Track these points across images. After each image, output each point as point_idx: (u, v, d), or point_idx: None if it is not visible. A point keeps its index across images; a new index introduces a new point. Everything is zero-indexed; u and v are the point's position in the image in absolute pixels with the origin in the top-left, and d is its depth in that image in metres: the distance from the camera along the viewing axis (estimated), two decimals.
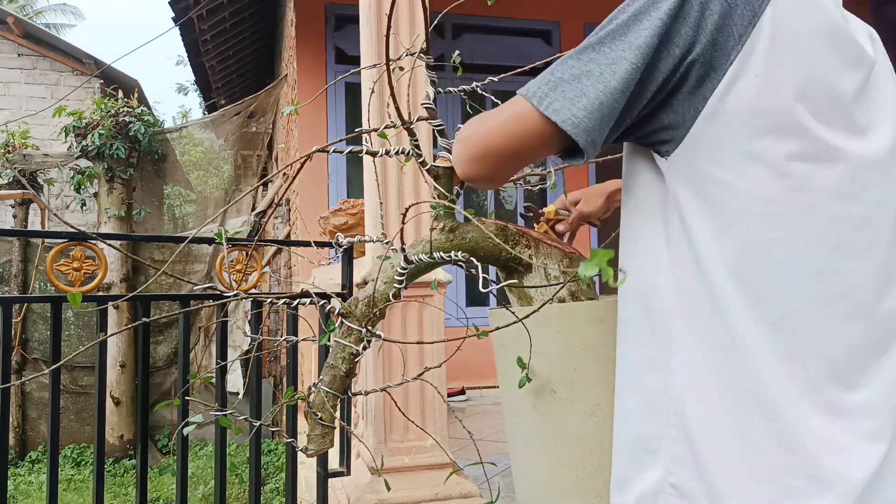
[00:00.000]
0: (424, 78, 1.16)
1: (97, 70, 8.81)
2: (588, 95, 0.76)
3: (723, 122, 0.74)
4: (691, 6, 0.74)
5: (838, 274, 0.75)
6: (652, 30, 0.74)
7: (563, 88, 0.77)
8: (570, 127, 0.76)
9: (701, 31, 0.74)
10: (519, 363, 1.07)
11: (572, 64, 0.79)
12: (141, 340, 1.90)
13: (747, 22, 0.73)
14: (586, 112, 0.75)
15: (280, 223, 6.00)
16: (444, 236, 1.11)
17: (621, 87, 0.75)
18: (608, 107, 0.75)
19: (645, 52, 0.74)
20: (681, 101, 0.76)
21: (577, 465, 1.07)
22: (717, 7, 0.74)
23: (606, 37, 0.77)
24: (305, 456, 1.11)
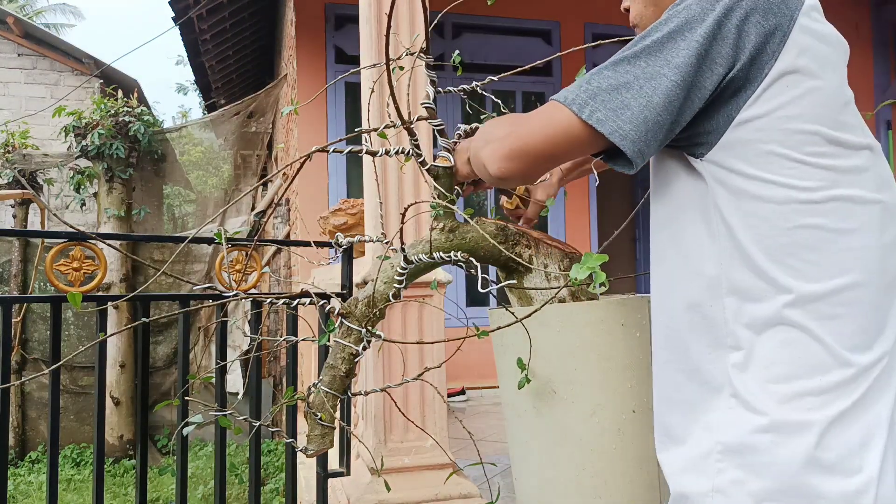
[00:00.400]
0: (424, 78, 1.15)
1: (97, 70, 8.81)
2: (631, 108, 0.82)
3: (756, 125, 0.83)
4: (729, 30, 0.82)
5: (864, 250, 0.84)
6: (690, 50, 0.82)
7: (603, 98, 0.84)
8: (619, 139, 0.83)
9: (741, 51, 0.83)
10: (519, 364, 1.07)
11: (608, 74, 0.84)
12: (140, 340, 1.90)
13: (779, 41, 0.83)
14: (632, 125, 0.82)
15: (280, 223, 5.99)
16: (444, 236, 1.11)
17: (663, 103, 0.82)
18: (653, 121, 0.82)
19: (685, 70, 0.82)
20: (718, 110, 0.85)
21: (577, 466, 1.07)
22: (753, 29, 0.83)
23: (642, 52, 0.84)
24: (305, 456, 1.11)
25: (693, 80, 0.82)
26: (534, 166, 0.91)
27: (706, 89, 0.83)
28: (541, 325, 1.06)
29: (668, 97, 0.82)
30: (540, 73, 5.74)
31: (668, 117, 0.83)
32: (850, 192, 0.85)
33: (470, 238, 1.12)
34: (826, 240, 0.83)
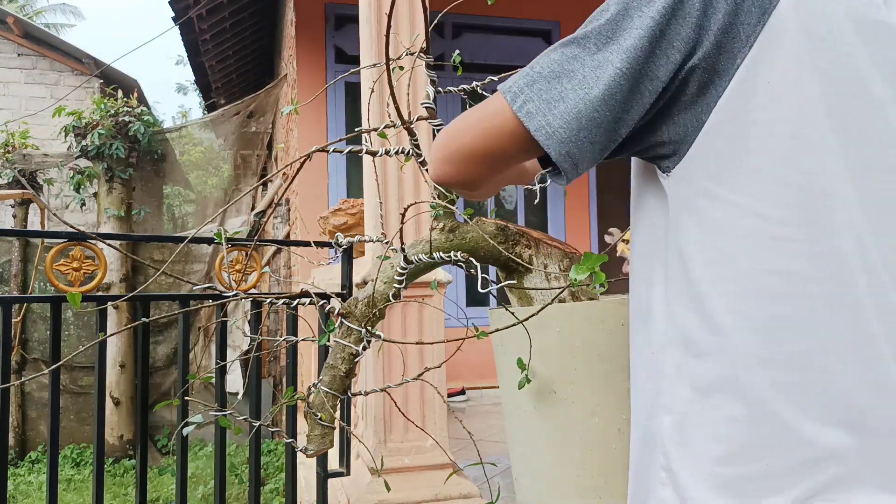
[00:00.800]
0: (424, 77, 1.15)
1: (97, 70, 8.81)
2: (567, 100, 0.66)
3: (730, 134, 0.66)
4: (692, 4, 0.65)
5: (856, 311, 0.65)
6: (642, 30, 0.65)
7: (541, 87, 0.68)
8: (544, 137, 0.67)
9: (704, 32, 0.65)
10: (519, 364, 1.07)
11: (554, 58, 0.69)
12: (140, 340, 1.90)
13: (755, 20, 0.64)
14: (562, 121, 0.66)
15: (280, 223, 5.99)
16: (444, 236, 1.11)
17: (603, 96, 0.66)
18: (587, 117, 0.66)
19: (633, 55, 0.65)
20: (682, 112, 0.68)
21: (577, 466, 1.07)
22: (721, 5, 0.64)
23: (593, 32, 0.68)
24: (305, 456, 1.11)
25: (643, 68, 0.65)
26: (470, 169, 0.74)
27: (659, 80, 0.66)
28: (541, 325, 1.06)
29: (609, 88, 0.65)
30: None
31: (607, 113, 0.66)
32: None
33: (470, 238, 1.12)
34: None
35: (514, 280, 1.13)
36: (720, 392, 0.67)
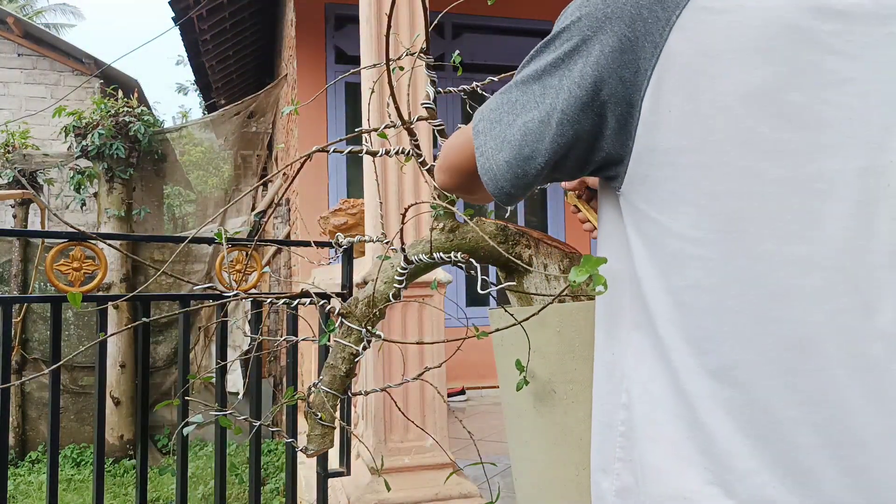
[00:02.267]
0: (424, 78, 1.16)
1: (97, 70, 8.81)
2: (507, 145, 0.75)
3: (649, 159, 0.69)
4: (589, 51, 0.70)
5: (781, 323, 0.66)
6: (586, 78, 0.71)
7: (494, 131, 0.77)
8: (488, 181, 0.78)
9: (604, 69, 0.69)
10: (518, 366, 1.07)
11: (500, 101, 0.78)
12: (141, 340, 1.90)
13: (649, 54, 0.67)
14: (505, 168, 0.76)
15: (280, 223, 6.00)
16: (444, 236, 1.11)
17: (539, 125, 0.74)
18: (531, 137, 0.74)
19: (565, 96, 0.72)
20: (611, 141, 0.72)
21: (577, 465, 1.07)
22: (614, 44, 0.68)
23: (527, 78, 0.76)
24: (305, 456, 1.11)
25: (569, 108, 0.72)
26: (463, 183, 0.87)
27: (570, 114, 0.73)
28: (540, 325, 1.06)
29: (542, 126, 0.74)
30: None
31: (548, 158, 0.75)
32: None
33: (470, 238, 1.12)
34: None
35: (513, 280, 1.13)
36: (666, 393, 0.71)
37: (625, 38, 0.68)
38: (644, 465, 0.73)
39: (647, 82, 0.68)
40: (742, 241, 0.67)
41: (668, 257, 0.70)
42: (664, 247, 0.70)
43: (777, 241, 0.66)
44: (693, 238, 0.68)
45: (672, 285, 0.70)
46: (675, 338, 0.70)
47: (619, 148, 0.72)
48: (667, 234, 0.70)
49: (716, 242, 0.67)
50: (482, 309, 4.93)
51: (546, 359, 1.07)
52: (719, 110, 0.66)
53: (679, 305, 0.70)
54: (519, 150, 0.74)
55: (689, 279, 0.69)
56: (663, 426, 0.71)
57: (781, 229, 0.66)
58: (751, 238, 0.67)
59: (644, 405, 0.73)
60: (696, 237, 0.68)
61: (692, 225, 0.68)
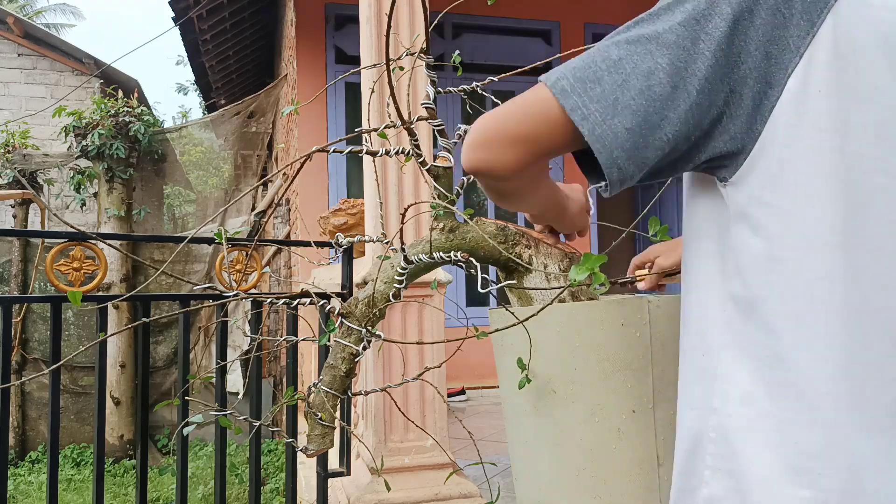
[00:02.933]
0: (424, 78, 1.16)
1: (97, 70, 8.81)
2: (625, 110, 0.65)
3: (783, 142, 0.65)
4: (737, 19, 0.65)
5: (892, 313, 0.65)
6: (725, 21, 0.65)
7: (594, 92, 0.66)
8: (600, 148, 0.65)
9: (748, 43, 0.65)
10: (519, 364, 1.07)
11: (590, 59, 0.67)
12: (141, 340, 1.90)
13: (804, 32, 0.64)
14: (626, 136, 0.65)
15: (280, 223, 6.00)
16: (444, 236, 1.11)
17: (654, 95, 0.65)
18: (647, 130, 0.66)
19: (679, 54, 0.65)
20: (738, 123, 0.67)
21: (577, 466, 1.07)
22: (767, 17, 0.64)
23: (637, 38, 0.67)
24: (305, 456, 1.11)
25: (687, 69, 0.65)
26: (509, 152, 0.70)
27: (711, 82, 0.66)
28: (541, 325, 1.06)
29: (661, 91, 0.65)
30: (540, 73, 5.70)
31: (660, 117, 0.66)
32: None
33: (470, 238, 1.12)
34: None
35: (513, 280, 1.13)
36: (773, 396, 0.67)
37: (778, 12, 0.65)
38: (746, 475, 0.68)
39: (799, 61, 0.64)
40: (865, 230, 0.65)
41: (796, 248, 0.66)
42: (793, 235, 0.66)
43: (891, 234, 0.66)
44: (830, 224, 0.65)
45: (801, 277, 0.66)
46: (794, 335, 0.66)
47: (745, 132, 0.67)
48: (799, 221, 0.66)
49: (847, 232, 0.65)
50: (482, 309, 4.93)
51: (546, 359, 1.07)
52: (860, 101, 0.65)
53: (805, 297, 0.66)
54: (645, 117, 0.64)
55: (821, 270, 0.65)
56: (769, 433, 0.67)
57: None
58: (872, 229, 0.66)
59: (747, 409, 0.69)
60: (833, 223, 0.65)
61: (829, 211, 0.65)
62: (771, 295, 0.67)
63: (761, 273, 0.68)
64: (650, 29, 0.66)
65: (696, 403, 0.75)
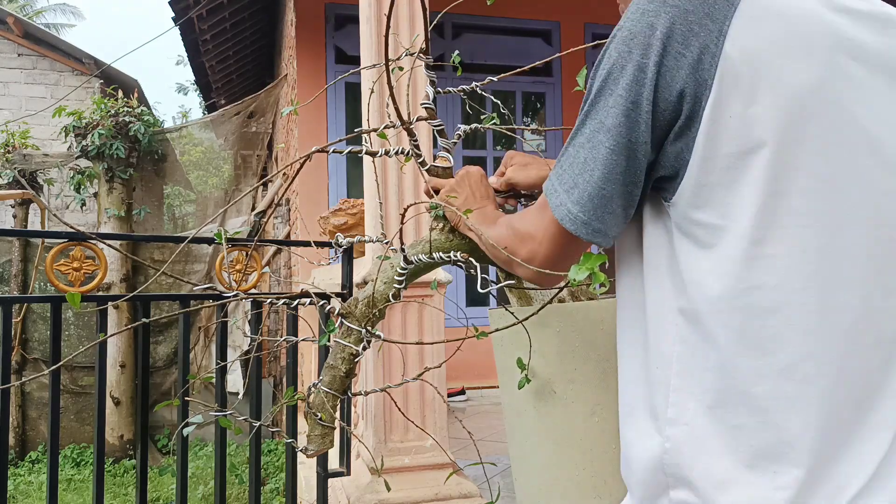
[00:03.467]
0: (424, 78, 1.16)
1: (97, 70, 8.81)
2: (578, 186, 0.76)
3: (709, 167, 0.71)
4: (650, 71, 0.71)
5: (842, 312, 0.70)
6: (616, 108, 0.72)
7: (564, 178, 0.77)
8: (569, 224, 0.77)
9: (667, 91, 0.71)
10: (519, 364, 1.07)
11: (569, 151, 0.78)
12: (141, 340, 1.90)
13: (708, 65, 0.70)
14: (579, 206, 0.76)
15: (280, 223, 6.00)
16: (444, 236, 1.11)
17: (604, 175, 0.74)
18: (597, 196, 0.74)
19: (616, 132, 0.72)
20: (672, 150, 0.74)
21: (577, 465, 1.07)
22: (674, 62, 0.71)
23: (585, 117, 0.76)
24: (305, 456, 1.11)
25: (629, 138, 0.72)
26: (564, 265, 0.83)
27: (647, 142, 0.73)
28: (540, 324, 1.06)
29: (606, 167, 0.73)
30: (540, 73, 5.75)
31: (614, 187, 0.74)
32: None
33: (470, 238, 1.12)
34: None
35: (513, 280, 1.13)
36: (724, 404, 0.71)
37: (679, 55, 0.71)
38: (706, 482, 0.72)
39: (709, 92, 0.69)
40: (801, 236, 0.69)
41: (729, 260, 0.70)
42: (724, 250, 0.71)
43: (829, 234, 0.70)
44: (758, 238, 0.69)
45: (734, 288, 0.70)
46: (735, 343, 0.70)
47: (675, 159, 0.73)
48: (729, 237, 0.70)
49: (781, 240, 0.69)
50: (482, 309, 4.93)
51: (546, 359, 1.07)
52: (773, 112, 0.69)
53: (742, 309, 0.70)
54: (594, 187, 0.75)
55: (754, 280, 0.70)
56: (725, 439, 0.71)
57: (833, 222, 0.70)
58: (809, 232, 0.70)
59: (701, 418, 0.72)
60: (761, 237, 0.69)
61: (757, 225, 0.69)
62: (712, 307, 0.71)
63: (703, 286, 0.72)
64: (596, 121, 0.75)
65: (650, 415, 0.78)
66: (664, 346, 0.76)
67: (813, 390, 0.69)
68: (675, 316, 0.75)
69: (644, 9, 0.73)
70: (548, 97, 5.85)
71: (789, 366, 0.69)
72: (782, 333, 0.69)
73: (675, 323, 0.75)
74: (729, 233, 0.70)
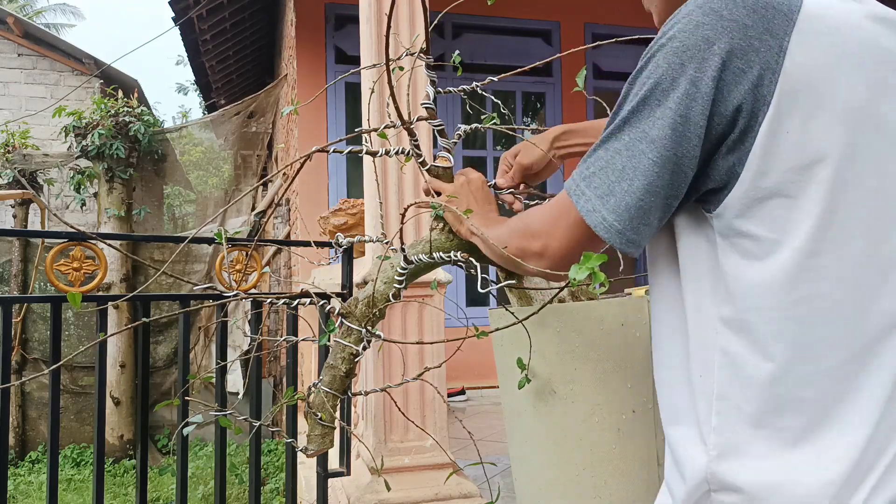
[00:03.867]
0: (424, 78, 1.16)
1: (97, 70, 8.81)
2: (615, 195, 0.74)
3: (761, 179, 0.71)
4: (706, 87, 0.70)
5: (887, 317, 0.73)
6: (664, 120, 0.71)
7: (595, 183, 0.76)
8: (604, 232, 0.75)
9: (724, 106, 0.71)
10: (519, 364, 1.07)
11: (600, 154, 0.77)
12: (141, 340, 1.90)
13: (768, 82, 0.69)
14: (616, 215, 0.74)
15: (280, 223, 6.00)
16: (444, 236, 1.11)
17: (645, 187, 0.73)
18: (635, 207, 0.73)
19: (663, 144, 0.72)
20: (722, 164, 0.73)
21: (577, 465, 1.07)
22: (733, 79, 0.70)
23: (623, 123, 0.75)
24: (305, 456, 1.11)
25: (675, 154, 0.72)
26: (563, 264, 0.83)
27: (694, 157, 0.72)
28: (540, 324, 1.06)
29: (648, 179, 0.72)
30: (540, 73, 5.75)
31: (653, 199, 0.73)
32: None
33: None
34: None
35: (513, 280, 1.13)
36: (772, 410, 0.72)
37: (740, 71, 0.70)
38: (754, 483, 0.73)
39: (767, 108, 0.69)
40: (853, 246, 0.72)
41: (783, 272, 0.71)
42: (778, 262, 0.71)
43: (877, 243, 0.72)
44: (814, 250, 0.71)
45: (787, 299, 0.71)
46: (787, 351, 0.71)
47: (726, 173, 0.72)
48: (784, 249, 0.71)
49: (834, 251, 0.71)
50: (482, 309, 4.93)
51: (546, 359, 1.07)
52: (831, 127, 0.70)
53: (795, 319, 0.71)
54: (633, 197, 0.74)
55: (807, 290, 0.71)
56: (769, 441, 0.73)
57: (881, 232, 0.73)
58: (860, 243, 0.72)
59: (746, 425, 0.73)
60: (816, 249, 0.71)
61: (813, 238, 0.70)
62: (763, 317, 0.72)
63: (753, 297, 0.73)
64: (639, 130, 0.74)
65: (695, 421, 0.78)
66: (707, 355, 0.77)
67: (857, 388, 0.71)
68: (718, 325, 0.75)
69: (699, 21, 0.71)
70: (548, 97, 5.85)
71: (836, 367, 0.71)
72: (832, 339, 0.71)
73: (717, 331, 0.75)
74: (784, 245, 0.71)
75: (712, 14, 0.71)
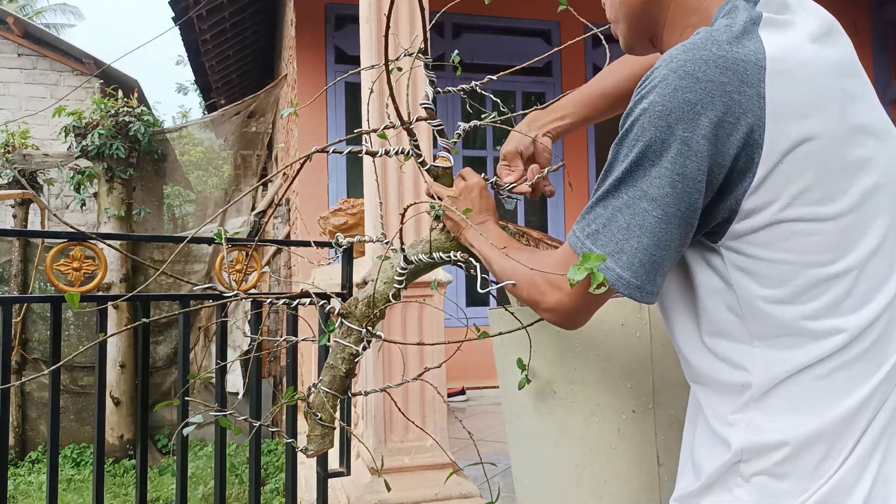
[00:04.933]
0: (424, 78, 1.15)
1: (97, 70, 8.81)
2: (626, 252, 0.76)
3: (766, 207, 0.75)
4: (699, 145, 0.73)
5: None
6: (662, 179, 0.74)
7: (602, 241, 0.78)
8: (623, 288, 0.77)
9: (722, 156, 0.74)
10: (519, 364, 1.07)
11: (599, 212, 0.79)
12: (141, 340, 1.90)
13: (758, 126, 0.73)
14: (631, 272, 0.76)
15: (280, 223, 6.00)
16: (444, 236, 1.11)
17: (655, 242, 0.75)
18: (649, 262, 0.76)
19: (664, 202, 0.74)
20: (722, 205, 0.77)
21: (577, 465, 1.07)
22: (725, 133, 0.73)
23: (619, 183, 0.77)
24: (305, 456, 1.11)
25: (678, 210, 0.75)
26: (581, 320, 0.87)
27: (699, 210, 0.76)
28: (541, 325, 1.06)
29: (656, 236, 0.75)
30: (540, 72, 5.74)
31: (664, 252, 0.76)
32: None
33: None
34: None
35: None
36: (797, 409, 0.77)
37: (731, 127, 0.73)
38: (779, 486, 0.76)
39: (761, 150, 0.73)
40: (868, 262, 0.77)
41: (801, 286, 0.76)
42: (796, 277, 0.76)
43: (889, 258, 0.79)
44: (825, 260, 0.76)
45: (806, 310, 0.76)
46: (804, 357, 0.76)
47: (729, 209, 0.76)
48: (800, 264, 0.76)
49: (850, 269, 0.76)
50: (482, 309, 4.93)
51: (546, 359, 1.07)
52: (809, 157, 0.74)
53: (808, 334, 0.76)
54: (644, 254, 0.77)
55: (821, 309, 0.76)
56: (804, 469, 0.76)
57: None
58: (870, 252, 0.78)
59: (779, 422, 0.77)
60: (827, 259, 0.76)
61: (824, 248, 0.75)
62: (782, 331, 0.77)
63: (769, 317, 0.77)
64: (638, 189, 0.76)
65: (731, 418, 0.81)
66: (741, 362, 0.80)
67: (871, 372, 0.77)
68: (747, 339, 0.79)
69: (676, 85, 0.73)
70: (548, 97, 5.85)
71: (857, 357, 0.76)
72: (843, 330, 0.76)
73: (741, 349, 0.80)
74: (799, 266, 0.75)
75: (688, 77, 0.73)
